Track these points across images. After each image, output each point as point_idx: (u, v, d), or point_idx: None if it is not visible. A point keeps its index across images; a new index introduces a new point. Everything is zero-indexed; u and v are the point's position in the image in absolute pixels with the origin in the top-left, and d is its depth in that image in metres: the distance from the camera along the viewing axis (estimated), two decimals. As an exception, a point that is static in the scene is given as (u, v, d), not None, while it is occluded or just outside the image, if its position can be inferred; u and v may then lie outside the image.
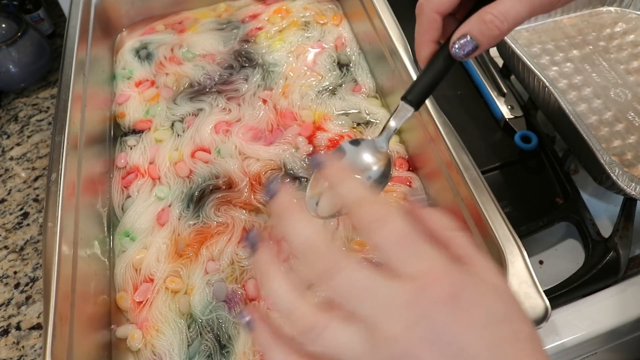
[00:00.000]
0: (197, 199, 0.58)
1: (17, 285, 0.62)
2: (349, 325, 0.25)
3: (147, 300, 0.52)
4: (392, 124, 0.39)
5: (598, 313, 0.51)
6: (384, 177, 0.40)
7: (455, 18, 0.38)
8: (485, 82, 0.67)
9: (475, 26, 0.34)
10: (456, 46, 0.35)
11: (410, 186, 0.58)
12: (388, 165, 0.40)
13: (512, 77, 0.69)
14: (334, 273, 0.25)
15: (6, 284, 0.62)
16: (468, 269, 0.25)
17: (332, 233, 0.54)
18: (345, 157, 0.40)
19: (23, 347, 0.57)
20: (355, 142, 0.40)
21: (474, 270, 0.26)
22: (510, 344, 0.23)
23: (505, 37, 0.62)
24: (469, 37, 0.34)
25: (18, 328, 0.59)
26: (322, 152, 0.61)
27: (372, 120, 0.65)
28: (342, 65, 0.72)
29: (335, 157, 0.38)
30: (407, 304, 0.23)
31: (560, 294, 0.52)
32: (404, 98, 0.38)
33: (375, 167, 0.40)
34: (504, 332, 0.23)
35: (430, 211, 0.28)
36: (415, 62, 0.59)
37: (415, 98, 0.38)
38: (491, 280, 0.25)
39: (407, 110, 0.38)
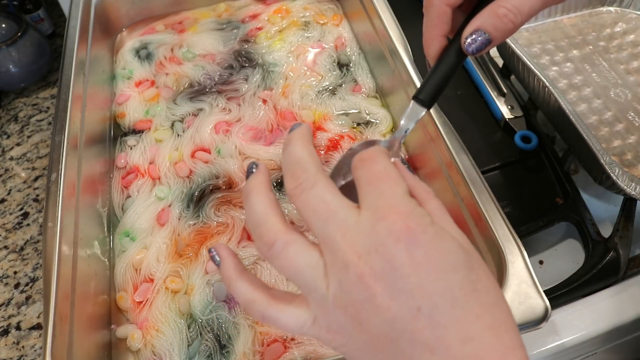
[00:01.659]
0: (197, 199, 0.58)
1: (17, 285, 0.62)
2: (310, 246, 0.25)
3: (147, 300, 0.52)
4: (404, 125, 0.37)
5: (598, 313, 0.51)
6: None
7: (462, 11, 0.36)
8: (485, 82, 0.67)
9: (489, 20, 0.32)
10: (468, 41, 0.33)
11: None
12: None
13: (512, 77, 0.69)
14: (310, 186, 0.26)
15: (6, 284, 0.62)
16: (434, 220, 0.25)
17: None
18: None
19: (23, 347, 0.57)
20: (370, 144, 0.38)
21: (442, 224, 0.26)
22: (465, 293, 0.23)
23: (505, 37, 0.62)
24: (482, 32, 0.33)
25: (18, 328, 0.59)
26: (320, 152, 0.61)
27: (372, 120, 0.65)
28: (342, 65, 0.72)
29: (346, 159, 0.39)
30: (364, 232, 0.24)
31: (560, 294, 0.52)
32: (415, 97, 0.36)
33: None
34: (460, 280, 0.23)
35: (410, 175, 0.29)
36: (415, 61, 0.59)
37: (427, 97, 0.36)
38: (457, 235, 0.26)
39: (419, 110, 0.36)
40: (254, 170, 0.29)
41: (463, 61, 0.36)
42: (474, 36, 0.33)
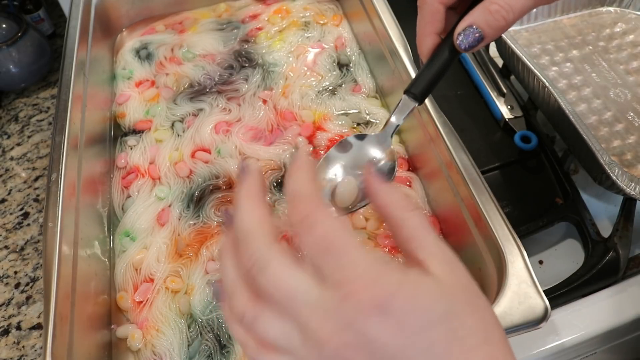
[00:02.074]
0: (197, 199, 0.58)
1: (17, 285, 0.62)
2: (280, 319, 0.24)
3: (147, 300, 0.52)
4: (394, 119, 0.38)
5: (598, 313, 0.51)
6: (389, 173, 0.39)
7: (455, 12, 0.37)
8: (485, 82, 0.67)
9: (481, 17, 0.33)
10: (461, 37, 0.34)
11: (410, 186, 0.58)
12: (393, 160, 0.39)
13: (512, 77, 0.69)
14: (264, 266, 0.24)
15: (6, 283, 0.62)
16: (405, 270, 0.24)
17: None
18: (351, 150, 0.40)
19: (23, 347, 0.58)
20: (360, 137, 0.40)
21: (416, 266, 0.25)
22: (445, 346, 0.23)
23: (505, 37, 0.62)
24: (474, 28, 0.33)
25: (18, 328, 0.59)
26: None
27: (372, 120, 0.65)
28: (342, 66, 0.72)
29: (340, 151, 0.39)
30: (331, 312, 0.23)
31: (560, 294, 0.52)
32: (407, 92, 0.37)
33: (380, 163, 0.39)
34: (440, 334, 0.23)
35: (386, 189, 0.27)
36: (415, 61, 0.59)
37: (419, 91, 0.36)
38: (437, 273, 0.24)
39: (410, 104, 0.37)
40: (246, 173, 0.27)
41: (456, 58, 0.36)
42: (466, 32, 0.34)
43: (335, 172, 0.39)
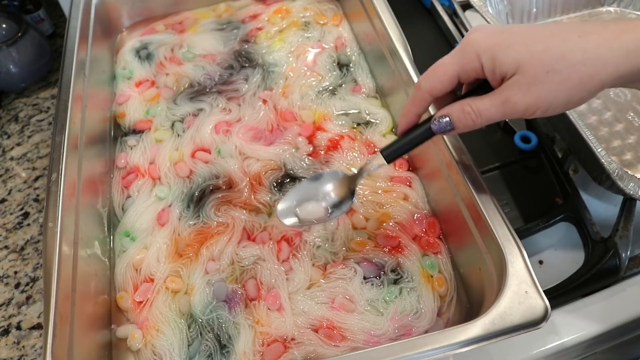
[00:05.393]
0: (197, 199, 0.58)
1: (17, 285, 0.62)
2: None
3: (147, 300, 0.52)
4: (364, 169, 0.47)
5: (598, 313, 0.51)
6: (343, 206, 0.49)
7: (454, 94, 0.42)
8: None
9: (456, 112, 0.39)
10: (436, 122, 0.41)
11: (410, 186, 0.58)
12: (349, 198, 0.49)
13: (512, 77, 0.69)
14: None
15: (7, 283, 0.62)
16: None
17: (332, 233, 0.54)
18: (317, 181, 0.50)
19: (23, 346, 0.58)
20: (334, 175, 0.50)
21: None
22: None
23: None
24: (447, 119, 0.40)
25: (18, 328, 0.59)
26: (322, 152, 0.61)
27: (372, 120, 0.65)
28: (342, 66, 0.72)
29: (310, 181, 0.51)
30: None
31: (560, 294, 0.52)
32: (381, 151, 0.45)
33: (334, 196, 0.49)
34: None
35: None
36: (414, 62, 0.59)
37: (388, 155, 0.45)
38: None
39: (381, 160, 0.45)
40: None
41: (428, 138, 0.43)
42: (441, 120, 0.40)
43: (308, 193, 0.50)
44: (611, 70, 0.34)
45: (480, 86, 0.39)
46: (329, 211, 0.49)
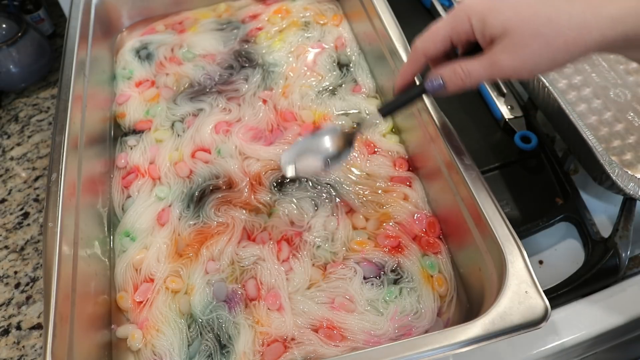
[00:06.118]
0: (197, 199, 0.58)
1: (17, 285, 0.62)
2: None
3: (147, 300, 0.52)
4: (364, 125, 0.51)
5: (598, 313, 0.51)
6: (341, 157, 0.51)
7: (448, 58, 0.44)
8: (485, 82, 0.67)
9: (447, 72, 0.42)
10: (429, 82, 0.43)
11: (410, 186, 0.58)
12: (347, 149, 0.51)
13: (512, 77, 0.69)
14: None
15: (7, 283, 0.62)
16: None
17: (332, 233, 0.54)
18: (317, 137, 0.52)
19: (23, 346, 0.58)
20: (333, 131, 0.52)
21: None
22: None
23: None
24: (440, 79, 0.42)
25: (18, 328, 0.59)
26: None
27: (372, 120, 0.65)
28: (342, 66, 0.72)
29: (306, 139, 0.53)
30: None
31: (560, 294, 0.52)
32: (379, 109, 0.47)
33: (333, 150, 0.51)
34: None
35: None
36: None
37: (383, 109, 0.47)
38: None
39: (378, 117, 0.47)
40: None
41: (420, 95, 0.46)
42: (434, 79, 0.43)
43: (306, 147, 0.52)
44: (596, 35, 0.35)
45: (474, 51, 0.41)
46: (329, 163, 0.51)
